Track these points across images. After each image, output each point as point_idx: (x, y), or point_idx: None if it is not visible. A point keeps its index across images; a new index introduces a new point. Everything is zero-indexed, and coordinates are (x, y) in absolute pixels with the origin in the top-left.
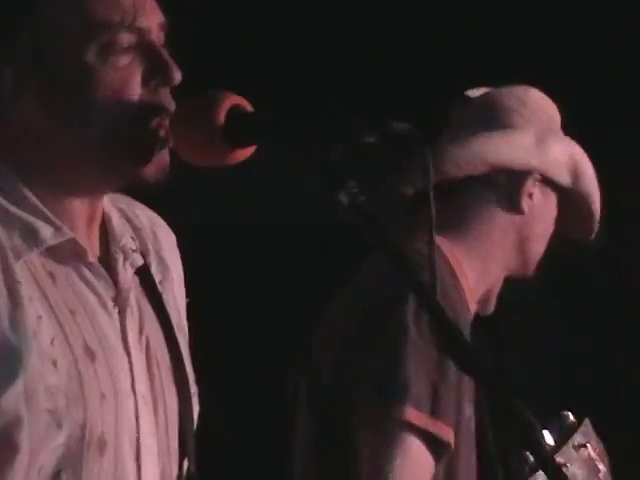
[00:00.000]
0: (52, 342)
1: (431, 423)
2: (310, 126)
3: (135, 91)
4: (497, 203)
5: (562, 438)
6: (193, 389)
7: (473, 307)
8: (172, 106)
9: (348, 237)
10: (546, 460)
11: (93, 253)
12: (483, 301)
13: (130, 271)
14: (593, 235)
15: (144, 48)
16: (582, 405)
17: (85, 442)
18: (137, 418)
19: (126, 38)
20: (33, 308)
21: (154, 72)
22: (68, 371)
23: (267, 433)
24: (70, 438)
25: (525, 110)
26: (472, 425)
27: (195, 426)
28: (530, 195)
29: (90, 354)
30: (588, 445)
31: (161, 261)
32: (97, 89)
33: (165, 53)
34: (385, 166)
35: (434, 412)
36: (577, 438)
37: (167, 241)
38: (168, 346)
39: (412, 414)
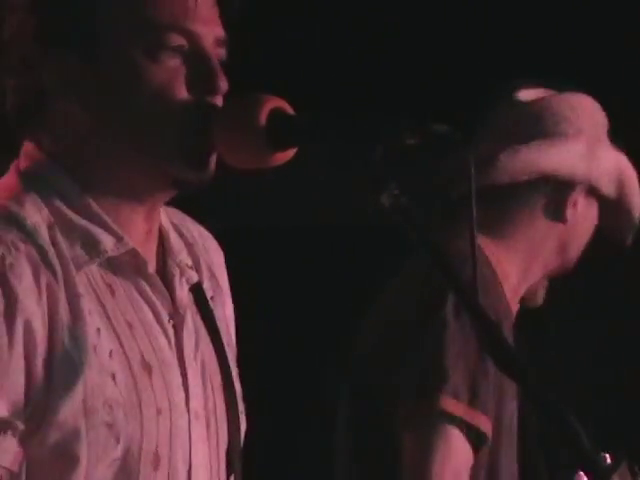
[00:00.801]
0: (110, 355)
1: (469, 413)
2: (350, 128)
3: (181, 93)
4: (542, 210)
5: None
6: (241, 407)
7: (515, 306)
8: (218, 110)
9: (382, 239)
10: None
11: (151, 267)
12: (528, 297)
13: (186, 287)
14: (629, 242)
15: (193, 52)
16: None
17: (141, 457)
18: (190, 434)
19: (175, 39)
20: (92, 321)
21: (200, 78)
22: (126, 385)
23: (307, 444)
24: (127, 452)
25: (577, 118)
26: (515, 422)
27: (242, 444)
28: (575, 204)
29: (147, 368)
30: None
31: (212, 277)
32: (143, 88)
33: (214, 60)
34: (427, 167)
35: (472, 403)
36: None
37: (217, 258)
38: (219, 364)
39: (450, 403)
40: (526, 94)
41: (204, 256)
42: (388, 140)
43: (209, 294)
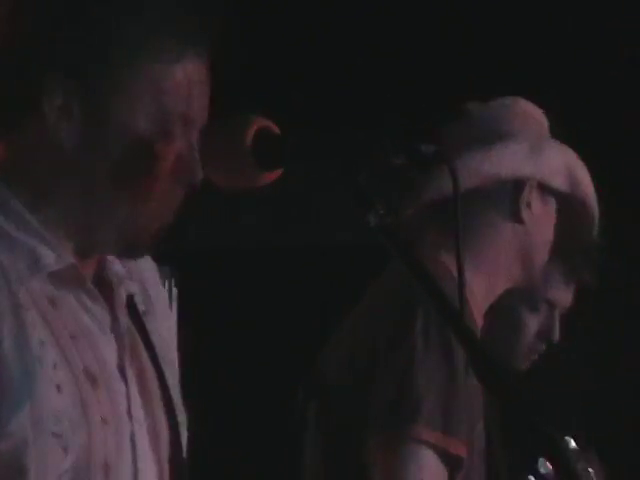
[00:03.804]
0: (55, 367)
1: (445, 440)
2: (337, 148)
3: (162, 180)
4: (497, 215)
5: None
6: (181, 418)
7: (480, 322)
8: (177, 203)
9: (348, 257)
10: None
11: (90, 278)
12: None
13: (124, 298)
14: (593, 238)
15: (185, 142)
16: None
17: (91, 467)
18: (134, 442)
19: (174, 126)
20: (36, 333)
21: (180, 170)
22: (72, 396)
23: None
24: (77, 463)
25: (515, 119)
26: (482, 441)
27: (184, 454)
28: (529, 204)
29: (91, 379)
30: (590, 470)
31: (145, 292)
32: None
33: (196, 157)
34: (408, 183)
35: (446, 428)
36: (581, 464)
37: (151, 273)
38: (156, 375)
39: (424, 431)
40: (470, 105)
41: (135, 271)
42: (374, 159)
43: (141, 308)
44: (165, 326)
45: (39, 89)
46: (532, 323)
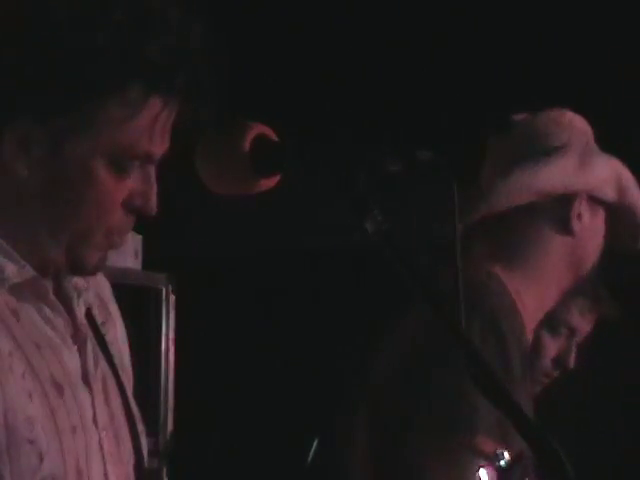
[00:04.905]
0: (24, 376)
1: (500, 447)
2: (335, 155)
3: (117, 207)
4: (548, 229)
5: (500, 476)
6: (140, 428)
7: (530, 334)
8: (128, 230)
9: (346, 262)
10: None
11: (51, 290)
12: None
13: (83, 309)
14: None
15: (142, 172)
16: None
17: (67, 475)
18: (102, 449)
19: (134, 159)
20: (3, 344)
21: (134, 202)
22: (42, 404)
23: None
24: (53, 469)
25: (562, 132)
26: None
27: (146, 462)
28: (579, 216)
29: (58, 388)
30: None
31: (102, 303)
32: (92, 192)
33: (152, 188)
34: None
35: (505, 440)
36: (515, 476)
37: (106, 286)
38: (117, 384)
39: (485, 443)
40: (516, 118)
41: (92, 283)
42: (372, 167)
43: (99, 319)
44: (122, 337)
45: (1, 123)
46: (551, 347)
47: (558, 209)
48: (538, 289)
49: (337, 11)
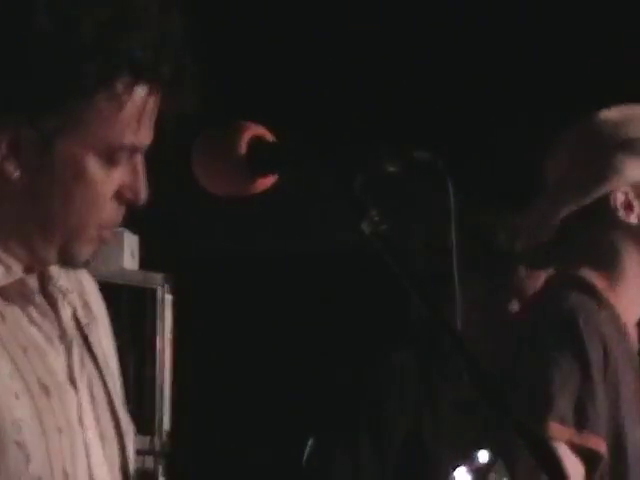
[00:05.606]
0: (11, 377)
1: (577, 435)
2: (332, 155)
3: (107, 201)
4: (610, 228)
5: (477, 477)
6: (126, 428)
7: (634, 332)
8: (118, 223)
9: (344, 264)
10: None
11: (37, 291)
12: None
13: (69, 310)
14: None
15: (130, 164)
16: None
17: (54, 475)
18: (87, 450)
19: (121, 151)
20: None
21: (123, 194)
22: (29, 405)
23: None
24: (40, 471)
25: (630, 123)
26: None
27: (131, 463)
28: (630, 207)
29: (45, 389)
30: None
31: (86, 305)
32: (82, 187)
33: (140, 179)
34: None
35: (580, 424)
36: (492, 477)
37: (90, 285)
38: (101, 384)
39: (558, 430)
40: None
41: (75, 284)
42: (369, 167)
43: (83, 321)
44: (106, 338)
45: None
46: None
47: (605, 210)
48: (625, 289)
49: (337, 11)
